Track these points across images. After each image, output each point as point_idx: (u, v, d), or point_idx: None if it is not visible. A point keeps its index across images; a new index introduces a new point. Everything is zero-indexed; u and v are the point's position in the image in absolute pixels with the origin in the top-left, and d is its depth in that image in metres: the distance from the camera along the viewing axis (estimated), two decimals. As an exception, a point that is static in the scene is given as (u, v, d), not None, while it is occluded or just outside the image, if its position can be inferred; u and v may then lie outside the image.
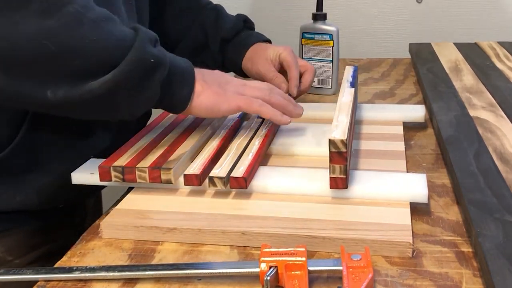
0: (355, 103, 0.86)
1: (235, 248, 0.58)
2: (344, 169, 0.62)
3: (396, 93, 1.08)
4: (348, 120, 0.67)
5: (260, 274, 0.51)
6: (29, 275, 0.55)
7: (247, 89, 0.75)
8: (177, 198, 0.67)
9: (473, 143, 0.75)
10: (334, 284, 0.52)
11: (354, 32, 1.55)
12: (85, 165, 0.72)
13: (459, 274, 0.52)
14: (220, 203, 0.65)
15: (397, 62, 1.32)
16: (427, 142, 0.83)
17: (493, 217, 0.56)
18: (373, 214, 0.61)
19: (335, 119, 0.68)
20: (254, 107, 0.73)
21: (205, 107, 0.71)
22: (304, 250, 0.52)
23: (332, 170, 0.63)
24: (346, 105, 0.73)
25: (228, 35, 1.01)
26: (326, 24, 1.05)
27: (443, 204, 0.66)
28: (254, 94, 0.75)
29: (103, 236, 0.62)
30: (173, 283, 0.53)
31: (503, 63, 1.15)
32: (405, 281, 0.52)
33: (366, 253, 0.51)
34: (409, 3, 1.52)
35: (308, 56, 1.07)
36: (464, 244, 0.57)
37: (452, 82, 1.03)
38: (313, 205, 0.63)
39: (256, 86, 0.77)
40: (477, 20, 1.50)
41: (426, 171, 0.73)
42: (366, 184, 0.64)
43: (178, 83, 0.69)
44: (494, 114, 0.85)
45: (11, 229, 0.78)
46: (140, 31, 0.65)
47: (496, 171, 0.66)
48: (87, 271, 0.54)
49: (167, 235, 0.60)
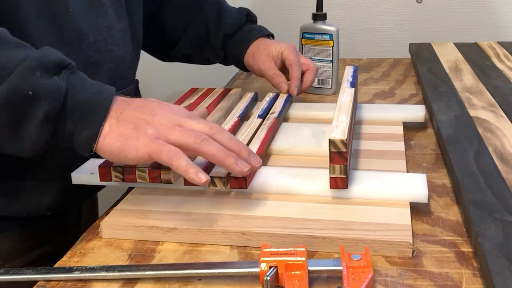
0: (355, 103, 0.86)
1: (235, 248, 0.58)
2: (344, 169, 0.62)
3: (396, 93, 1.08)
4: (348, 120, 0.67)
5: (260, 274, 0.51)
6: (29, 275, 0.55)
7: (174, 132, 0.60)
8: (177, 198, 0.67)
9: (473, 143, 0.75)
10: (334, 284, 0.52)
11: (354, 32, 1.55)
12: (85, 165, 0.72)
13: (459, 274, 0.52)
14: (220, 203, 0.65)
15: (397, 62, 1.32)
16: (427, 142, 0.83)
17: (493, 217, 0.56)
18: (373, 214, 0.61)
19: (335, 119, 0.68)
20: (164, 158, 0.57)
21: (110, 152, 0.59)
22: (304, 250, 0.52)
23: (332, 170, 0.63)
24: (346, 105, 0.73)
25: (230, 30, 1.00)
26: (326, 24, 1.05)
27: (443, 204, 0.66)
28: (182, 140, 0.59)
29: (103, 236, 0.62)
30: (173, 283, 0.53)
31: (503, 63, 1.15)
32: (405, 281, 0.52)
33: (366, 253, 0.51)
34: (409, 3, 1.52)
35: (308, 56, 1.07)
36: (464, 244, 0.57)
37: (452, 82, 1.03)
38: (313, 205, 0.63)
39: (192, 129, 0.61)
40: (477, 20, 1.50)
41: (426, 171, 0.73)
42: (366, 184, 0.64)
43: (78, 121, 0.59)
44: (494, 114, 0.85)
45: (3, 233, 0.78)
46: (32, 57, 0.58)
47: (496, 171, 0.66)
48: (87, 271, 0.54)
49: (167, 235, 0.60)
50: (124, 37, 0.83)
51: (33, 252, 0.80)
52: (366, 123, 0.88)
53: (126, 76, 0.87)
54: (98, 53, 0.78)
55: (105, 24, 0.79)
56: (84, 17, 0.75)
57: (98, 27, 0.78)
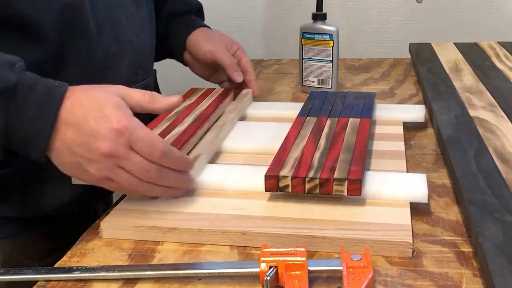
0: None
1: (235, 248, 0.58)
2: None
3: (396, 93, 1.08)
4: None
5: (260, 274, 0.51)
6: (29, 275, 0.55)
7: (108, 184, 0.61)
8: (177, 198, 0.67)
9: (473, 143, 0.75)
10: (334, 284, 0.52)
11: (354, 32, 1.54)
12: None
13: (459, 274, 0.52)
14: (220, 203, 0.65)
15: (397, 62, 1.32)
16: (427, 142, 0.83)
17: (493, 217, 0.56)
18: (373, 214, 0.61)
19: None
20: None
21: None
22: (304, 250, 0.52)
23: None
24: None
25: (178, 10, 1.01)
26: (326, 24, 1.05)
27: (443, 204, 0.65)
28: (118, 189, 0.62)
29: (103, 236, 0.62)
30: (173, 283, 0.53)
31: (503, 63, 1.15)
32: (405, 281, 0.52)
33: (366, 253, 0.51)
34: (409, 3, 1.52)
35: (308, 56, 1.07)
36: (464, 244, 0.57)
37: (452, 82, 1.03)
38: (313, 205, 0.63)
39: (120, 178, 0.61)
40: (477, 20, 1.50)
41: (426, 171, 0.73)
42: (366, 184, 0.64)
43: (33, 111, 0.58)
44: (494, 114, 0.85)
45: (25, 232, 0.78)
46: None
47: (496, 171, 0.66)
48: (87, 271, 0.54)
49: (167, 235, 0.60)
50: (143, 25, 0.84)
51: (55, 254, 0.81)
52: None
53: (146, 66, 0.87)
54: (118, 44, 0.78)
55: (124, 15, 0.79)
56: (101, 8, 0.75)
57: (117, 17, 0.78)
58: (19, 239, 0.78)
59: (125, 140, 0.58)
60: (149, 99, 0.63)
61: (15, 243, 0.78)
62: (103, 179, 0.60)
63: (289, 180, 0.63)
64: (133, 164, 0.59)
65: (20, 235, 0.78)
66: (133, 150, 0.59)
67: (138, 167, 0.60)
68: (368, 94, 0.93)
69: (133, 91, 0.63)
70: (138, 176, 0.60)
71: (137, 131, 0.59)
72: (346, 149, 0.69)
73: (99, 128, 0.58)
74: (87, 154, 0.59)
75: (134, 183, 0.61)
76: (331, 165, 0.65)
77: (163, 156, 0.60)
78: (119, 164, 0.59)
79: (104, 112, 0.59)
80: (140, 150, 0.59)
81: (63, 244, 0.64)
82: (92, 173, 0.60)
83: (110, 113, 0.59)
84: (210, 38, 0.98)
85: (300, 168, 0.64)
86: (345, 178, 0.61)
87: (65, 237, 0.71)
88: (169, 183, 0.63)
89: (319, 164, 0.65)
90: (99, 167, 0.59)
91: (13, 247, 0.78)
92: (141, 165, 0.59)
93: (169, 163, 0.61)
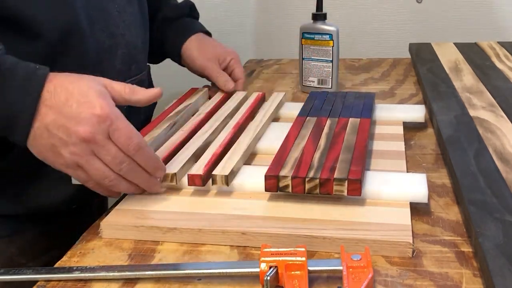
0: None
1: (235, 248, 0.58)
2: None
3: (396, 93, 1.08)
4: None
5: (260, 274, 0.51)
6: (29, 275, 0.55)
7: (79, 173, 0.62)
8: (177, 198, 0.67)
9: (473, 143, 0.75)
10: (334, 284, 0.52)
11: (354, 32, 1.54)
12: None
13: (459, 274, 0.52)
14: (220, 203, 0.65)
15: (397, 62, 1.32)
16: (427, 142, 0.83)
17: (493, 217, 0.56)
18: (373, 214, 0.61)
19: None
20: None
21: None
22: (304, 250, 0.52)
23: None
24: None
25: (171, 14, 1.01)
26: (326, 24, 1.05)
27: (443, 204, 0.65)
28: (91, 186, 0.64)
29: (103, 236, 0.62)
30: (173, 283, 0.53)
31: (503, 63, 1.15)
32: (405, 281, 0.52)
33: (366, 253, 0.51)
34: (409, 3, 1.52)
35: (308, 56, 1.07)
36: (464, 244, 0.57)
37: (452, 82, 1.03)
38: (313, 205, 0.63)
39: (91, 170, 0.62)
40: (477, 20, 1.50)
41: (426, 171, 0.73)
42: (366, 184, 0.64)
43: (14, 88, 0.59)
44: (494, 114, 0.85)
45: (23, 231, 0.78)
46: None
47: (496, 171, 0.66)
48: (87, 271, 0.54)
49: (167, 235, 0.60)
50: (135, 20, 0.84)
51: (52, 251, 0.81)
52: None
53: (139, 61, 0.87)
54: (111, 38, 0.78)
55: (115, 8, 0.80)
56: (92, 1, 0.75)
57: (109, 11, 0.78)
58: (14, 238, 0.78)
59: (105, 127, 0.59)
60: (129, 90, 0.65)
61: (10, 242, 0.78)
62: (74, 165, 0.61)
63: (289, 180, 0.63)
64: (109, 153, 0.60)
65: (16, 234, 0.78)
66: (110, 140, 0.60)
67: (112, 157, 0.60)
68: (368, 94, 0.93)
69: (114, 83, 0.64)
70: (110, 166, 0.61)
71: (118, 120, 0.60)
72: (346, 149, 0.69)
73: (81, 112, 0.59)
74: (64, 136, 0.59)
75: (104, 174, 0.61)
76: (331, 165, 0.65)
77: (138, 150, 0.61)
78: (94, 151, 0.60)
79: (88, 97, 0.59)
80: (117, 140, 0.60)
81: (59, 242, 0.64)
82: (65, 156, 0.60)
83: (94, 99, 0.59)
84: (202, 51, 0.99)
85: (300, 168, 0.64)
86: (345, 178, 0.62)
87: (61, 235, 0.72)
88: (137, 181, 0.64)
89: (319, 164, 0.65)
90: (73, 151, 0.59)
91: (8, 246, 0.78)
92: (116, 155, 0.60)
93: (142, 159, 0.62)
